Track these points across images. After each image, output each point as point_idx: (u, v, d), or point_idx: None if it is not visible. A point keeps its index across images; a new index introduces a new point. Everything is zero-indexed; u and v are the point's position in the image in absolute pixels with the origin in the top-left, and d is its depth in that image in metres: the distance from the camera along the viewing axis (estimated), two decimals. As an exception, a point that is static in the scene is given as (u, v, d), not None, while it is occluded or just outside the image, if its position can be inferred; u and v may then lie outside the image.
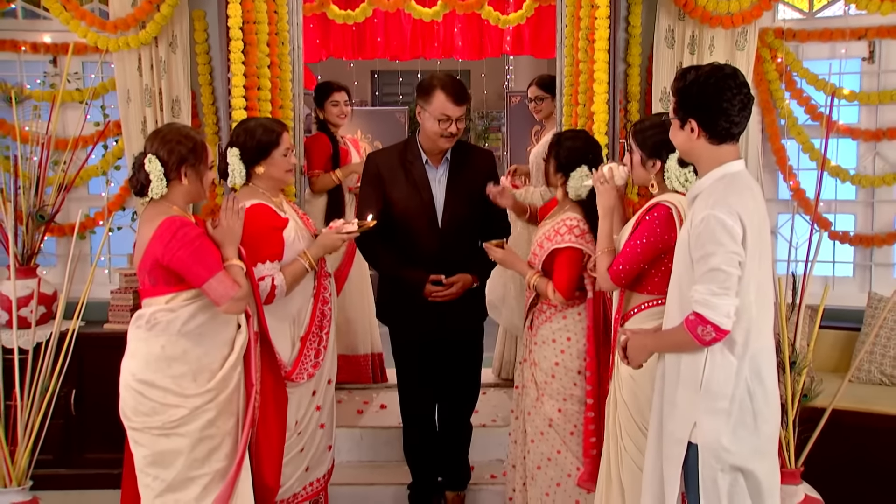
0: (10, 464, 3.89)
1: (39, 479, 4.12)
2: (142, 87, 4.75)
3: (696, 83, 2.68)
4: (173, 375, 3.06)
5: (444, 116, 3.88)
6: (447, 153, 4.04)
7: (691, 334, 2.61)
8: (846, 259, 5.15)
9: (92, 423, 4.70)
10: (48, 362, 3.98)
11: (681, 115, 2.74)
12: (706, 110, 2.68)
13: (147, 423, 3.06)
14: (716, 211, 2.59)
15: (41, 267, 4.92)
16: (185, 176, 3.11)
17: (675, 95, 2.76)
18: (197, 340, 3.09)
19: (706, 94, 2.67)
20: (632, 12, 4.86)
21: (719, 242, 2.57)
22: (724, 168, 2.71)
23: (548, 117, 5.49)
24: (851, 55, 5.02)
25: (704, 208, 2.62)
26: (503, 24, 6.55)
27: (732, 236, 2.57)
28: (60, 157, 4.86)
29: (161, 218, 3.04)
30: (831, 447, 3.97)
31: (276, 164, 3.60)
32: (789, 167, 5.00)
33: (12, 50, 5.03)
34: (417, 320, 4.03)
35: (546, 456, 3.74)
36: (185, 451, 3.07)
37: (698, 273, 2.63)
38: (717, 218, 2.58)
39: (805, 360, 3.92)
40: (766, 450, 2.75)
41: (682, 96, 2.73)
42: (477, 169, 4.08)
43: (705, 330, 2.58)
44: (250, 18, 4.49)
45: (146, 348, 3.08)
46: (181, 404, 3.05)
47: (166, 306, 3.07)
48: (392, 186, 3.99)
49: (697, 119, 2.70)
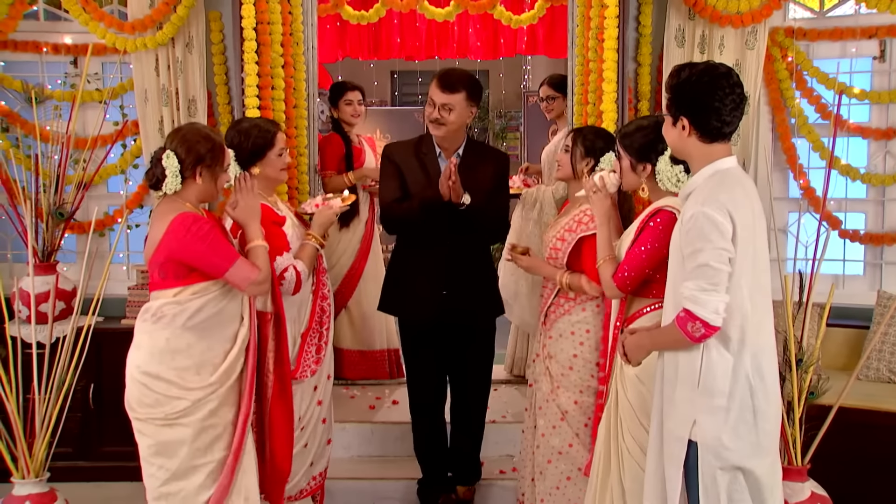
0: (28, 456, 3.97)
1: (58, 472, 4.20)
2: (159, 87, 4.83)
3: (689, 81, 2.71)
4: (177, 368, 3.12)
5: (430, 99, 4.00)
6: (460, 148, 4.10)
7: (682, 331, 2.63)
8: (857, 257, 5.16)
9: (109, 417, 4.77)
10: (65, 357, 4.06)
11: (673, 112, 2.76)
12: (698, 109, 2.71)
13: (150, 415, 3.13)
14: (705, 208, 2.60)
15: (61, 263, 5.01)
16: (200, 175, 3.18)
17: (669, 92, 2.78)
18: (201, 335, 3.15)
19: (699, 93, 2.70)
20: (642, 12, 4.89)
21: (708, 239, 2.59)
22: (715, 165, 2.73)
23: (559, 116, 5.52)
24: (862, 54, 5.03)
25: (694, 205, 2.65)
26: (515, 25, 6.59)
27: (721, 232, 2.59)
28: (80, 155, 4.95)
29: (173, 214, 3.12)
30: (838, 444, 3.97)
31: (272, 164, 3.68)
32: (799, 166, 5.02)
33: (34, 51, 5.13)
34: (420, 305, 4.08)
35: (557, 450, 3.75)
36: (188, 441, 3.13)
37: (687, 269, 2.65)
38: (705, 214, 2.59)
39: (812, 357, 3.92)
40: (767, 447, 2.74)
41: (676, 93, 2.75)
42: (488, 168, 4.10)
43: (694, 326, 2.60)
44: (264, 19, 4.56)
45: (151, 341, 3.15)
46: (184, 396, 3.12)
47: (174, 299, 3.14)
48: (408, 176, 4.07)
49: (689, 117, 2.72)
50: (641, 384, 3.11)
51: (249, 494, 3.26)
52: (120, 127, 5.08)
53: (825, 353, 4.67)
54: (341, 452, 4.80)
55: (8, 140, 5.03)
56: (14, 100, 5.16)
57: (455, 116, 3.98)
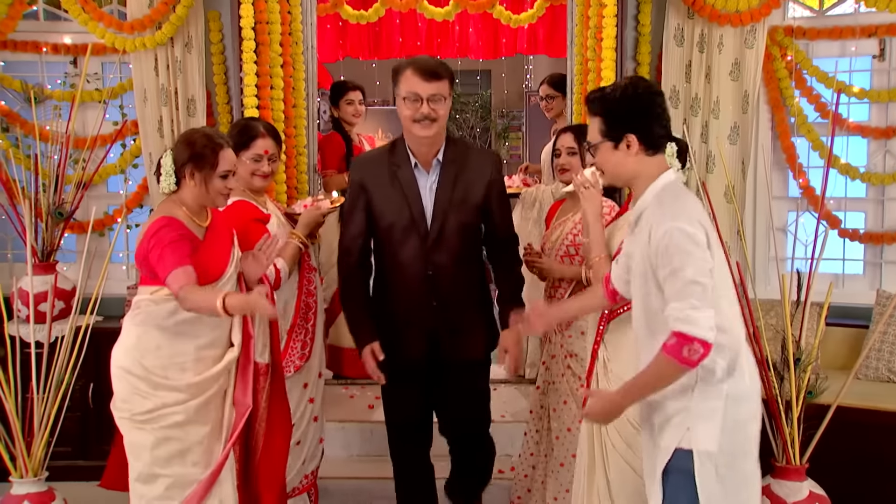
0: (26, 455, 3.98)
1: (58, 471, 4.22)
2: (158, 87, 4.84)
3: (624, 99, 2.66)
4: (145, 366, 3.12)
5: (411, 94, 3.34)
6: (439, 154, 3.50)
7: (675, 360, 2.42)
8: (857, 257, 5.15)
9: (109, 416, 4.71)
10: (63, 356, 4.06)
11: (614, 136, 2.67)
12: (642, 121, 2.65)
13: (122, 411, 3.17)
14: (676, 223, 2.48)
15: (61, 263, 5.02)
16: (191, 178, 3.16)
17: (601, 117, 2.69)
18: (172, 337, 3.13)
19: (639, 106, 2.66)
20: (641, 11, 4.90)
21: (687, 253, 2.45)
22: (662, 179, 2.66)
23: (559, 115, 5.53)
24: (862, 53, 5.01)
25: (663, 222, 2.51)
26: (514, 24, 6.60)
27: (697, 244, 2.46)
28: (80, 155, 4.95)
29: (158, 214, 3.14)
30: (837, 444, 3.95)
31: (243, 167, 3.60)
32: (799, 165, 5.01)
33: (34, 51, 5.14)
34: (405, 344, 3.58)
35: (571, 452, 3.69)
36: (148, 447, 3.12)
37: (672, 290, 2.47)
38: (679, 229, 2.47)
39: (810, 357, 3.92)
40: (751, 449, 2.66)
41: (613, 116, 2.67)
42: (476, 174, 3.52)
43: (692, 348, 2.40)
44: (263, 19, 4.56)
45: (126, 337, 3.19)
46: (148, 395, 3.11)
47: (150, 297, 3.15)
48: (377, 197, 3.49)
49: (636, 132, 2.64)
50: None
51: (224, 497, 3.20)
52: (119, 127, 5.08)
53: (825, 353, 4.66)
54: (340, 452, 4.80)
55: (8, 140, 5.04)
56: (14, 100, 5.18)
57: (445, 109, 3.40)
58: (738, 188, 4.80)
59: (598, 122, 2.70)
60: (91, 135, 4.96)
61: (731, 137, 4.81)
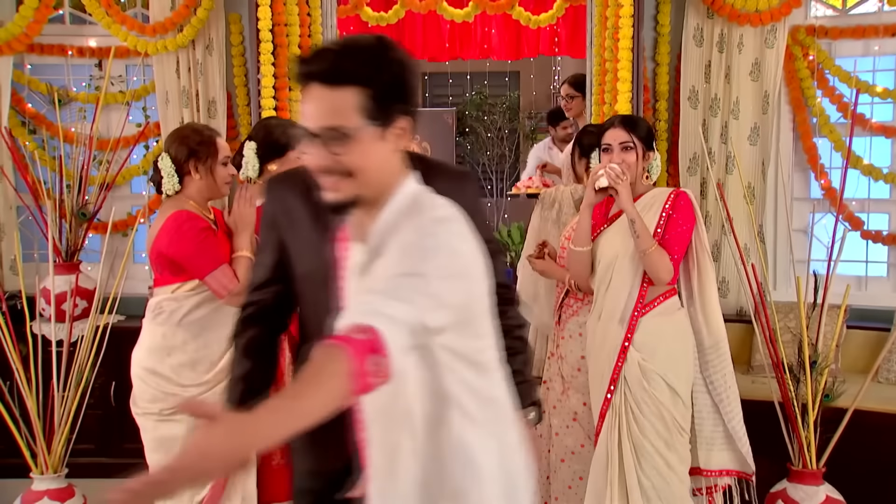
0: (46, 452, 4.04)
1: (80, 468, 4.28)
2: (179, 89, 4.90)
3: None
4: (172, 365, 3.16)
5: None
6: None
7: None
8: (880, 259, 5.08)
9: (130, 414, 4.79)
10: (84, 354, 4.12)
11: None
12: (410, 95, 1.74)
13: (147, 409, 3.19)
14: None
15: (85, 263, 5.10)
16: (196, 171, 3.19)
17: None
18: (197, 332, 3.17)
19: (404, 78, 1.72)
20: (660, 11, 4.88)
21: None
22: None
23: (579, 115, 5.51)
24: (885, 52, 4.95)
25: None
26: (534, 25, 6.57)
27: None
28: (103, 156, 5.03)
29: (171, 211, 3.16)
30: (854, 448, 3.90)
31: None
32: (821, 166, 4.95)
33: (60, 54, 5.23)
34: (319, 451, 2.14)
35: (570, 449, 3.75)
36: (181, 437, 3.15)
37: None
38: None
39: (826, 359, 3.87)
40: None
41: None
42: None
43: None
44: (281, 21, 4.61)
45: (150, 337, 3.21)
46: (178, 393, 3.15)
47: (171, 296, 3.18)
48: (291, 236, 2.13)
49: (407, 112, 1.73)
50: (646, 382, 3.23)
51: (247, 495, 3.24)
52: (142, 128, 5.15)
53: (846, 356, 4.60)
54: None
55: (34, 141, 5.13)
56: (40, 102, 5.27)
57: None
58: (758, 189, 4.76)
59: (370, 102, 1.65)
60: (114, 136, 5.03)
61: (750, 138, 4.78)
